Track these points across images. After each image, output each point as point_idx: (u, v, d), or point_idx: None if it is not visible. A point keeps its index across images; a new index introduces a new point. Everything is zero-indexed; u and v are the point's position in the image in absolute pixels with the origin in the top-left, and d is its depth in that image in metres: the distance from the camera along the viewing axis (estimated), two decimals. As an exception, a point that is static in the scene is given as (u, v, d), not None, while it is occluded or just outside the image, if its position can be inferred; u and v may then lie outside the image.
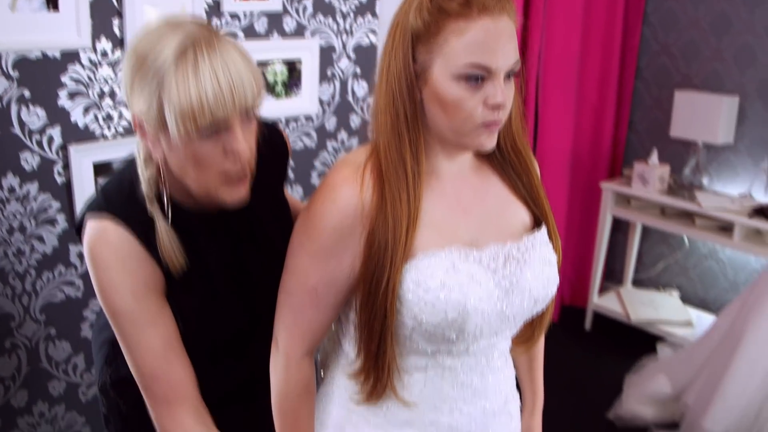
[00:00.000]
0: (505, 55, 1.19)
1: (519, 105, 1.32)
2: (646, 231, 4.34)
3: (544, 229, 1.38)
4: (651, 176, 3.83)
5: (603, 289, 4.44)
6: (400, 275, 1.21)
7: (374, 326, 1.24)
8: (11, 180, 2.32)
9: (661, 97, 4.16)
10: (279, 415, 1.37)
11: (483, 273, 1.26)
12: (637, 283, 4.46)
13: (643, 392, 3.44)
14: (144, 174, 1.34)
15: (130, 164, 1.40)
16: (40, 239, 2.43)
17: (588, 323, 4.29)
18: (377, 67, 1.27)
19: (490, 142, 1.24)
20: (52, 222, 2.44)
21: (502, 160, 1.37)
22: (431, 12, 1.18)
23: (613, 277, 4.55)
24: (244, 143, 1.27)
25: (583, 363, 3.95)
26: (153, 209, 1.33)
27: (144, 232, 1.33)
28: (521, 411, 1.59)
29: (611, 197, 4.02)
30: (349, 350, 1.36)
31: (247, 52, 1.28)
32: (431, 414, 1.34)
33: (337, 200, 1.22)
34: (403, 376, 1.31)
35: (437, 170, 1.30)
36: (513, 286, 1.28)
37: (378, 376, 1.28)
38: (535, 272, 1.31)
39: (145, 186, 1.34)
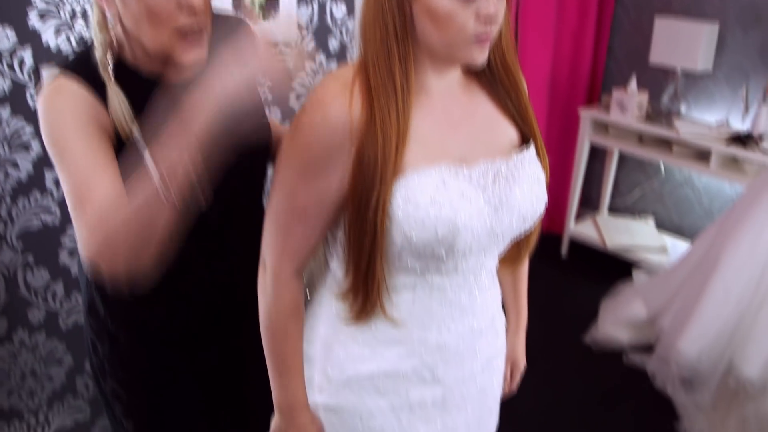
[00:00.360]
0: None
1: (509, 21, 1.29)
2: (623, 158, 4.36)
3: (532, 147, 1.37)
4: (629, 103, 3.82)
5: (579, 216, 4.47)
6: (390, 192, 1.20)
7: (364, 244, 1.23)
8: (-18, 104, 2.26)
9: (641, 23, 4.12)
10: (268, 335, 1.36)
11: (473, 190, 1.25)
12: (613, 210, 4.50)
13: (619, 316, 3.50)
14: (98, 38, 1.34)
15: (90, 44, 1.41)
16: (15, 165, 2.37)
17: (564, 250, 4.33)
18: None
19: (481, 57, 1.22)
20: (26, 147, 2.38)
21: (491, 77, 1.35)
22: None
23: (589, 204, 4.58)
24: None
25: (560, 289, 4.00)
26: (104, 73, 1.33)
27: (98, 90, 1.33)
28: (506, 330, 1.61)
29: (589, 124, 4.02)
30: (337, 270, 1.35)
31: None
32: (419, 332, 1.35)
33: (327, 116, 1.19)
34: (392, 295, 1.31)
35: (426, 87, 1.27)
36: (502, 204, 1.28)
37: (367, 295, 1.28)
38: (523, 190, 1.31)
39: (98, 51, 1.34)
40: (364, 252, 1.24)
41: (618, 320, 3.49)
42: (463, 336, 1.39)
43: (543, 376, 3.29)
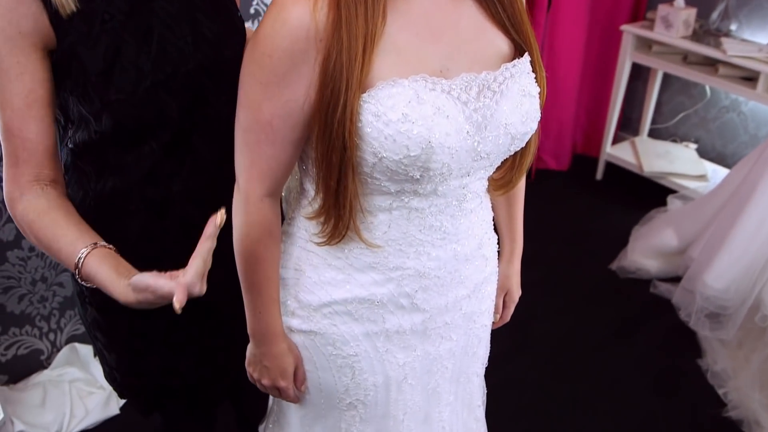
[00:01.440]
0: None
1: None
2: (666, 79, 4.14)
3: (526, 58, 1.24)
4: (675, 20, 3.60)
5: (617, 139, 4.30)
6: (359, 100, 1.09)
7: (332, 159, 1.13)
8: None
9: (695, -66, 3.85)
10: (240, 259, 1.28)
11: (452, 105, 1.12)
12: (654, 133, 4.31)
13: (649, 244, 3.37)
14: None
15: None
16: None
17: (599, 173, 4.18)
18: None
19: None
20: None
21: None
22: None
23: (629, 126, 4.40)
24: None
25: (591, 213, 3.88)
26: None
27: None
28: (499, 257, 1.51)
29: (631, 41, 3.80)
30: (309, 189, 1.26)
31: None
32: (396, 258, 1.26)
33: (288, 21, 1.07)
34: (367, 217, 1.22)
35: None
36: (486, 120, 1.16)
37: (339, 215, 1.18)
38: (512, 105, 1.18)
39: None
40: (333, 168, 1.14)
41: (648, 248, 3.37)
42: (446, 262, 1.30)
43: (564, 299, 3.21)
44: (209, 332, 1.60)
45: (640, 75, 4.20)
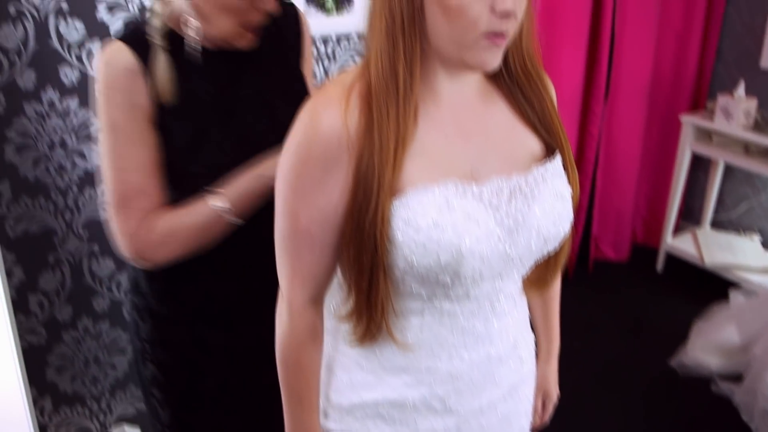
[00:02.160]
0: None
1: (532, 20, 1.16)
2: (728, 169, 4.07)
3: (558, 159, 1.23)
4: (736, 110, 3.55)
5: (679, 229, 4.22)
6: (390, 203, 1.09)
7: (363, 261, 1.12)
8: (51, 94, 2.29)
9: (754, 24, 3.82)
10: (281, 365, 1.27)
11: (482, 210, 1.12)
12: (717, 224, 4.21)
13: (711, 341, 3.26)
14: (156, 8, 1.45)
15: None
16: (82, 155, 2.40)
17: (660, 264, 4.09)
18: None
19: (493, 59, 1.09)
20: (93, 138, 2.41)
21: (511, 83, 1.22)
22: None
23: (691, 216, 4.31)
24: (271, 1, 1.43)
25: (651, 306, 3.78)
26: (157, 38, 1.43)
27: (144, 54, 1.42)
28: (536, 357, 1.47)
29: (691, 131, 3.76)
30: (342, 290, 1.25)
31: None
32: (428, 360, 1.24)
33: (320, 128, 1.09)
34: (399, 319, 1.21)
35: (436, 92, 1.15)
36: (518, 225, 1.15)
37: (371, 316, 1.17)
38: (544, 208, 1.17)
39: (156, 19, 1.44)
40: (365, 270, 1.13)
41: (709, 344, 3.25)
42: (479, 364, 1.27)
43: (620, 396, 3.11)
44: (258, 396, 1.65)
45: (701, 165, 4.14)
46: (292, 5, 1.68)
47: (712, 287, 3.81)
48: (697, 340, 3.32)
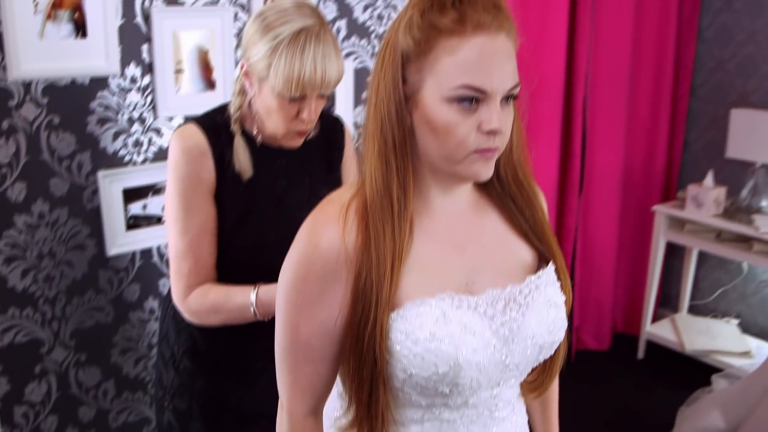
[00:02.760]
0: (502, 76, 1.10)
1: (521, 132, 1.22)
2: (702, 256, 4.16)
3: (551, 268, 1.27)
4: (706, 199, 3.67)
5: (658, 316, 4.27)
6: (388, 317, 1.13)
7: (363, 373, 1.15)
8: (41, 206, 2.33)
9: (717, 116, 3.99)
10: None
11: (478, 321, 1.16)
12: (694, 310, 4.28)
13: (696, 426, 3.26)
14: (235, 101, 1.72)
15: (220, 106, 1.79)
16: (70, 264, 2.43)
17: (641, 351, 4.13)
18: (367, 91, 1.20)
19: (486, 171, 1.14)
20: (81, 247, 2.44)
21: (503, 193, 1.27)
22: (422, 29, 1.09)
23: (668, 303, 4.38)
24: (314, 114, 1.66)
25: (634, 394, 3.80)
26: (235, 126, 1.71)
27: (215, 138, 1.69)
28: None
29: (664, 221, 3.86)
30: (342, 401, 1.28)
31: (339, 48, 1.67)
32: None
33: (319, 245, 1.14)
34: (399, 429, 1.23)
35: (431, 206, 1.21)
36: (513, 334, 1.18)
37: (372, 427, 1.19)
38: (538, 317, 1.21)
39: (233, 108, 1.72)
40: (365, 382, 1.16)
41: (694, 430, 3.26)
42: None
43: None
44: None
45: (675, 253, 4.23)
46: (339, 120, 1.95)
47: (693, 373, 3.84)
48: (682, 426, 3.32)
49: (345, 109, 2.91)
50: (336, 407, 1.33)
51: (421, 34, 1.10)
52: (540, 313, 1.21)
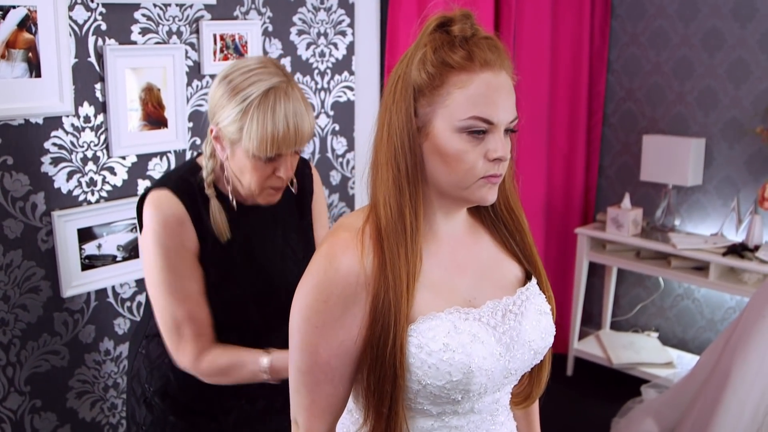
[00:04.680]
0: (506, 109, 1.21)
1: (512, 164, 1.34)
2: (621, 274, 4.39)
3: (534, 281, 1.39)
4: (625, 220, 3.89)
5: (582, 334, 4.46)
6: (407, 334, 1.21)
7: (384, 388, 1.22)
8: (-6, 249, 2.28)
9: (629, 142, 4.25)
10: None
11: (484, 330, 1.25)
12: (616, 326, 4.49)
13: (632, 436, 3.43)
14: (207, 164, 1.71)
15: (188, 161, 1.80)
16: (25, 308, 2.38)
17: (570, 369, 4.30)
18: (376, 123, 1.28)
19: (492, 195, 1.25)
20: (36, 290, 2.40)
21: (495, 219, 1.38)
22: (435, 65, 1.20)
23: (591, 321, 4.58)
24: (290, 170, 1.68)
25: (568, 409, 3.94)
26: (209, 190, 1.70)
27: (191, 203, 1.68)
28: None
29: (586, 242, 4.07)
30: (356, 414, 1.34)
31: (308, 101, 1.67)
32: None
33: (340, 269, 1.21)
34: None
35: (435, 231, 1.30)
36: (513, 341, 1.28)
37: None
38: (532, 323, 1.32)
39: (206, 172, 1.71)
40: (386, 395, 1.22)
41: (631, 440, 3.42)
42: None
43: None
44: None
45: (596, 272, 4.44)
46: (307, 164, 1.94)
47: (622, 385, 4.02)
48: (619, 436, 3.49)
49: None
50: (344, 423, 1.39)
51: (434, 70, 1.20)
52: (533, 320, 1.33)
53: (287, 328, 1.74)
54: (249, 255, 1.77)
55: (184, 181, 1.72)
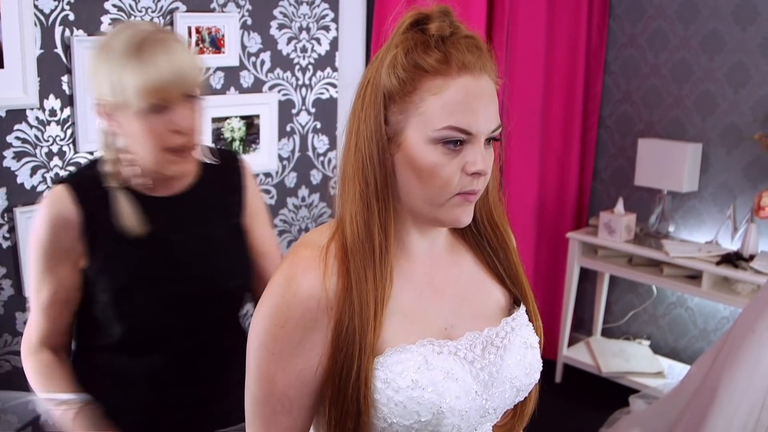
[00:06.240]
0: (487, 118, 1.09)
1: (496, 175, 1.21)
2: (613, 280, 4.29)
3: (523, 309, 1.27)
4: (617, 225, 3.80)
5: (572, 340, 4.38)
6: (372, 365, 1.09)
7: (347, 424, 1.11)
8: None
9: (625, 145, 4.15)
10: None
11: (460, 366, 1.14)
12: (607, 332, 4.40)
13: (617, 447, 3.34)
14: (106, 153, 1.55)
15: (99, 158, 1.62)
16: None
17: (558, 375, 4.21)
18: (345, 131, 1.17)
19: (466, 217, 1.13)
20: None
21: (478, 235, 1.26)
22: (406, 68, 1.08)
23: (581, 327, 4.49)
24: (187, 120, 1.49)
25: (555, 417, 3.86)
26: (112, 181, 1.53)
27: (85, 199, 1.53)
28: None
29: (578, 247, 3.98)
30: None
31: (185, 43, 1.54)
32: None
33: (299, 292, 1.09)
34: None
35: (408, 250, 1.19)
36: (493, 378, 1.17)
37: None
38: (515, 359, 1.20)
39: (105, 163, 1.54)
40: None
41: (617, 452, 3.34)
42: None
43: None
44: None
45: (587, 277, 4.35)
46: (235, 157, 1.76)
47: (610, 393, 3.94)
48: (604, 448, 3.40)
49: (270, 142, 2.88)
50: None
51: (405, 74, 1.08)
52: (517, 355, 1.20)
53: (217, 343, 1.66)
54: (168, 255, 1.59)
55: (85, 175, 1.58)
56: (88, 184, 1.55)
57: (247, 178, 1.74)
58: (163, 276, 1.58)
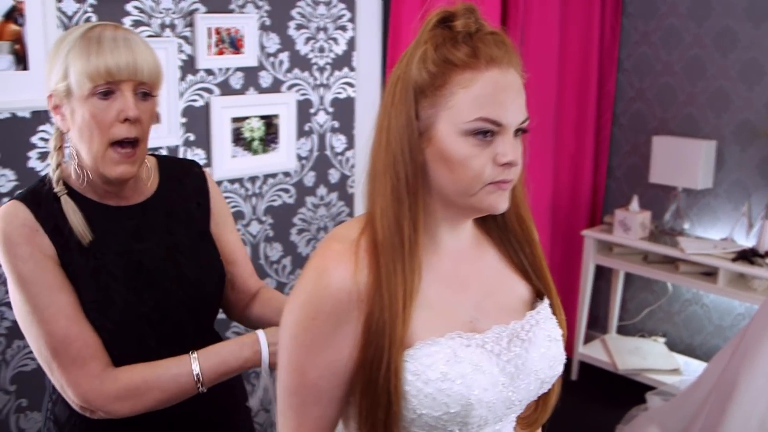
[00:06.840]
0: (515, 109, 1.13)
1: (523, 169, 1.22)
2: (629, 278, 4.30)
3: (546, 303, 1.29)
4: (632, 223, 3.81)
5: (587, 338, 4.39)
6: (402, 357, 1.11)
7: (378, 415, 1.13)
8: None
9: (639, 143, 4.16)
10: None
11: (487, 359, 1.16)
12: (622, 330, 4.41)
13: (635, 444, 3.36)
14: (53, 158, 1.50)
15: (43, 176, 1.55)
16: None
17: (574, 373, 4.22)
18: (374, 128, 1.18)
19: (502, 203, 1.15)
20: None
21: (504, 229, 1.29)
22: (436, 63, 1.11)
23: (597, 325, 4.50)
24: (135, 111, 1.43)
25: (571, 414, 3.85)
26: (58, 187, 1.47)
27: (41, 211, 1.45)
28: None
29: (593, 245, 3.99)
30: None
31: (143, 38, 1.50)
32: None
33: (330, 284, 1.11)
34: None
35: (438, 243, 1.21)
36: (519, 370, 1.19)
37: None
38: (540, 351, 1.22)
39: (52, 169, 1.49)
40: (379, 423, 1.14)
41: (634, 448, 3.35)
42: None
43: None
44: None
45: (602, 275, 4.36)
46: (196, 165, 1.73)
47: (627, 390, 3.95)
48: (622, 445, 3.41)
49: (288, 142, 2.90)
50: None
51: (436, 68, 1.11)
52: (541, 347, 1.23)
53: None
54: (130, 266, 1.52)
55: (34, 191, 1.50)
56: (37, 197, 1.48)
57: (210, 185, 1.71)
58: (129, 288, 1.51)
